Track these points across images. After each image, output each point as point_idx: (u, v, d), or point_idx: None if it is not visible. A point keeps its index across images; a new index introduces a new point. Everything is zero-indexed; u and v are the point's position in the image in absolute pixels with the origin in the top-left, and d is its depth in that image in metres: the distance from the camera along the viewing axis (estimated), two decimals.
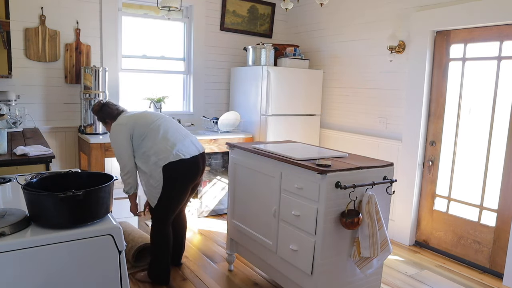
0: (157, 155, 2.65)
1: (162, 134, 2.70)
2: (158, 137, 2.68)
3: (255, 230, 2.75)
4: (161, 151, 2.65)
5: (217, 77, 4.71)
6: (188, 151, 2.72)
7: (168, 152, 2.65)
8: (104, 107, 2.88)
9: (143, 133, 2.68)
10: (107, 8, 3.95)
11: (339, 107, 4.41)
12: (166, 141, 2.68)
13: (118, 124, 2.71)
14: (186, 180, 2.76)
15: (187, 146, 2.74)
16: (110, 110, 2.86)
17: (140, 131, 2.68)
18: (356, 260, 2.29)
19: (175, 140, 2.70)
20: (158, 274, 2.79)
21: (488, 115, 3.17)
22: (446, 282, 3.04)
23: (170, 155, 2.64)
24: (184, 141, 2.74)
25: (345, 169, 2.21)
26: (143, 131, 2.69)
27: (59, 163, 3.89)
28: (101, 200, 1.42)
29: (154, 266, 2.80)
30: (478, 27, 3.19)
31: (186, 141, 2.76)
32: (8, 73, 3.40)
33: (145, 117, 2.77)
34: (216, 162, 4.44)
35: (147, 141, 2.67)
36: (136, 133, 2.68)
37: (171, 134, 2.73)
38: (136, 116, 2.76)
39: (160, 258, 2.78)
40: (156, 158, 2.65)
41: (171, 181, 2.68)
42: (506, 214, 3.07)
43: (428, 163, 3.59)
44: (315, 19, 4.66)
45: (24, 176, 1.91)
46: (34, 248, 1.28)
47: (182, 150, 2.69)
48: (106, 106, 2.88)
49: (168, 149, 2.65)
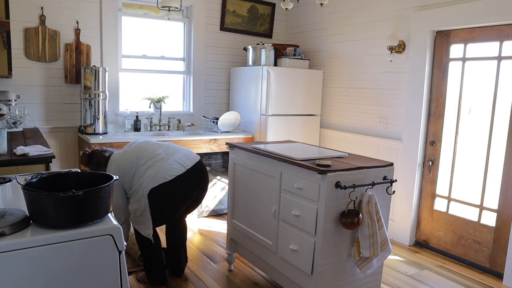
0: (143, 186, 2.57)
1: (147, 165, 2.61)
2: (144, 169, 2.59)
3: (255, 230, 2.75)
4: (147, 180, 2.57)
5: (217, 77, 4.72)
6: (170, 173, 2.58)
7: (153, 178, 2.56)
8: (92, 158, 2.78)
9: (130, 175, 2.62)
10: (107, 8, 3.95)
11: (339, 107, 4.41)
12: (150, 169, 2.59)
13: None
14: (173, 201, 2.66)
15: (171, 167, 2.61)
16: (98, 160, 2.75)
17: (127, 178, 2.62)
18: (356, 260, 2.29)
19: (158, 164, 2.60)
20: (153, 275, 2.78)
21: (488, 115, 3.17)
22: (446, 282, 3.04)
23: (152, 182, 2.55)
24: (166, 162, 2.62)
25: (345, 169, 2.21)
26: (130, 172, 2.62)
27: (59, 163, 3.89)
28: (101, 200, 1.42)
29: (147, 268, 2.78)
30: (478, 27, 3.19)
31: (169, 161, 2.63)
32: (8, 73, 3.40)
33: (127, 158, 2.67)
34: (216, 162, 4.44)
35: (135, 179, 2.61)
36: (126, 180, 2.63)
37: (152, 161, 2.62)
38: (120, 161, 2.68)
39: (152, 260, 2.75)
40: (142, 190, 2.57)
41: (156, 207, 2.60)
42: (506, 214, 3.07)
43: (428, 163, 3.59)
44: (315, 19, 4.66)
45: (24, 176, 1.91)
46: (34, 248, 1.28)
47: (164, 173, 2.57)
48: (93, 156, 2.78)
49: (152, 176, 2.56)
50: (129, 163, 2.65)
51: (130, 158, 2.67)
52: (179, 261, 2.93)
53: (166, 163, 2.60)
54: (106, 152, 2.79)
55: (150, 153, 2.66)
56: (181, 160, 2.66)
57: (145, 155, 2.66)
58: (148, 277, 2.79)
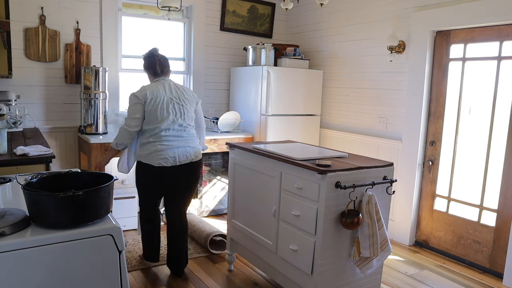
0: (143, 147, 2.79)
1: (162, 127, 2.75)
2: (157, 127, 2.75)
3: (255, 230, 2.75)
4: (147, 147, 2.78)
5: (217, 77, 4.72)
6: (158, 161, 2.73)
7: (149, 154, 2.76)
8: (150, 59, 2.90)
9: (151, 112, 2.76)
10: (107, 8, 3.95)
11: (339, 107, 4.41)
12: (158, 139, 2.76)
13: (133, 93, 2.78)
14: (152, 185, 2.90)
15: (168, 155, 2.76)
16: (149, 69, 2.91)
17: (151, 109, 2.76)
18: (356, 260, 2.29)
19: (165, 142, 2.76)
20: (146, 252, 3.10)
21: (488, 115, 3.17)
22: (446, 282, 3.04)
23: (142, 157, 2.79)
24: (163, 148, 2.75)
25: (345, 169, 2.21)
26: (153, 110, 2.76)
27: (59, 163, 3.89)
28: (101, 200, 1.42)
29: (143, 244, 3.12)
30: (478, 27, 3.19)
31: (165, 149, 2.75)
32: (8, 73, 3.40)
33: (155, 104, 2.75)
34: (216, 162, 4.44)
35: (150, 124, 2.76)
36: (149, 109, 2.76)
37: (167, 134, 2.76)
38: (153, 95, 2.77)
39: (143, 238, 3.09)
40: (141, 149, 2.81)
41: (138, 177, 2.91)
42: (506, 214, 3.07)
43: (428, 163, 3.59)
44: (315, 19, 4.66)
45: (24, 176, 1.91)
46: (34, 248, 1.28)
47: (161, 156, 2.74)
48: (152, 58, 2.90)
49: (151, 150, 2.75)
50: (153, 109, 2.74)
51: (154, 110, 2.74)
52: (179, 261, 2.94)
53: (162, 149, 2.73)
54: (157, 76, 2.90)
55: (159, 129, 2.74)
56: (178, 153, 2.77)
57: (157, 127, 2.74)
58: (143, 252, 3.14)
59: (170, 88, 2.81)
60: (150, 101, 2.71)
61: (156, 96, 2.73)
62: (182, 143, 2.79)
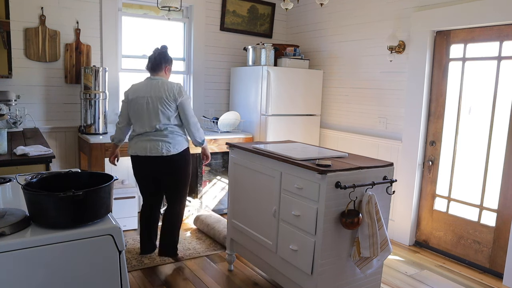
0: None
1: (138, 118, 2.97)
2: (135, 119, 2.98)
3: (255, 230, 2.75)
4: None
5: (217, 77, 4.72)
6: (132, 150, 2.99)
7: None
8: (149, 56, 3.07)
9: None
10: (107, 8, 3.95)
11: (339, 107, 4.41)
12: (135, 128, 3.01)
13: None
14: (136, 175, 3.10)
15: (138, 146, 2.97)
16: (146, 66, 3.09)
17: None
18: (356, 260, 2.29)
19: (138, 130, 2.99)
20: (141, 247, 3.24)
21: (488, 115, 3.17)
22: (446, 282, 3.04)
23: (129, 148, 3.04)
24: (136, 140, 2.97)
25: (345, 169, 2.21)
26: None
27: (59, 163, 3.89)
28: (101, 200, 1.42)
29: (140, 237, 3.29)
30: (478, 27, 3.19)
31: (138, 142, 2.96)
32: (8, 73, 3.40)
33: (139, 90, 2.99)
34: (216, 162, 4.44)
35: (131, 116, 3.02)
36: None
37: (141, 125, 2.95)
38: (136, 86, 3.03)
39: (140, 232, 3.25)
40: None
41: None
42: (506, 214, 3.07)
43: (428, 163, 3.59)
44: (315, 19, 4.66)
45: (24, 176, 1.91)
46: (34, 248, 1.28)
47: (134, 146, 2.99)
48: (150, 55, 3.07)
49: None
50: (134, 107, 2.99)
51: (134, 108, 2.98)
52: (164, 241, 3.16)
53: (137, 142, 2.96)
54: (149, 73, 3.08)
55: (137, 126, 2.98)
56: (150, 146, 2.92)
57: (136, 123, 3.00)
58: (140, 247, 3.29)
59: (151, 88, 2.94)
60: (131, 100, 2.96)
61: (137, 96, 2.94)
62: (158, 137, 2.93)
